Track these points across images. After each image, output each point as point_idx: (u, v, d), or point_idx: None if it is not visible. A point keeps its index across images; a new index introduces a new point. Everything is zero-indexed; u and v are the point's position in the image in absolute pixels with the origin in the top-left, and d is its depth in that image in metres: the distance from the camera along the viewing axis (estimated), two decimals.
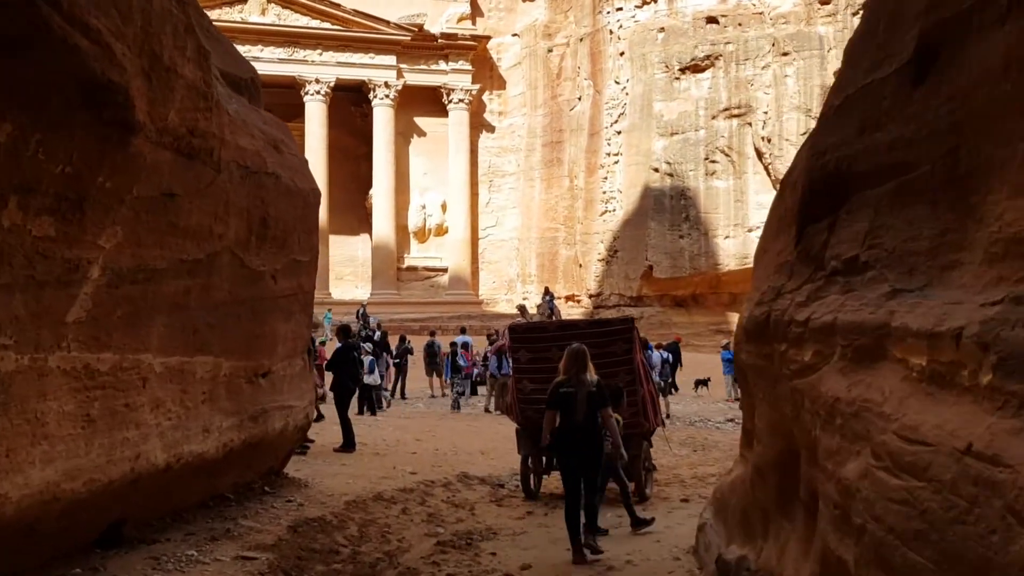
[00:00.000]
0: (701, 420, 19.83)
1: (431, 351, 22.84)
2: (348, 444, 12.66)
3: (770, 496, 5.57)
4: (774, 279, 5.74)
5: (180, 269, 6.86)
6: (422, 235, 41.00)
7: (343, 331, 14.26)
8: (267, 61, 38.39)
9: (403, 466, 11.64)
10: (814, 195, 5.03)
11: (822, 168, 4.90)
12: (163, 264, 6.59)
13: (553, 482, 11.49)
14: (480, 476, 11.54)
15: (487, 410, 20.19)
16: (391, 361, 21.96)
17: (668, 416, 19.50)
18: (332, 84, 38.90)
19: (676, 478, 12.25)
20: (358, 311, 32.44)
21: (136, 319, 6.43)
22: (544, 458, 10.77)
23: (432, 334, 24.27)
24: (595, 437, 7.79)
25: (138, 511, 6.89)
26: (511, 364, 11.71)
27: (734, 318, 37.49)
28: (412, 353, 23.27)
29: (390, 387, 22.18)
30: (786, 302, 5.14)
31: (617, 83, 36.37)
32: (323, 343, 21.96)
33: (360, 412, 18.59)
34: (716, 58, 34.38)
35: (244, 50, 38.72)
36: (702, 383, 24.45)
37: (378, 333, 23.69)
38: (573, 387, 7.71)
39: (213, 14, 38.46)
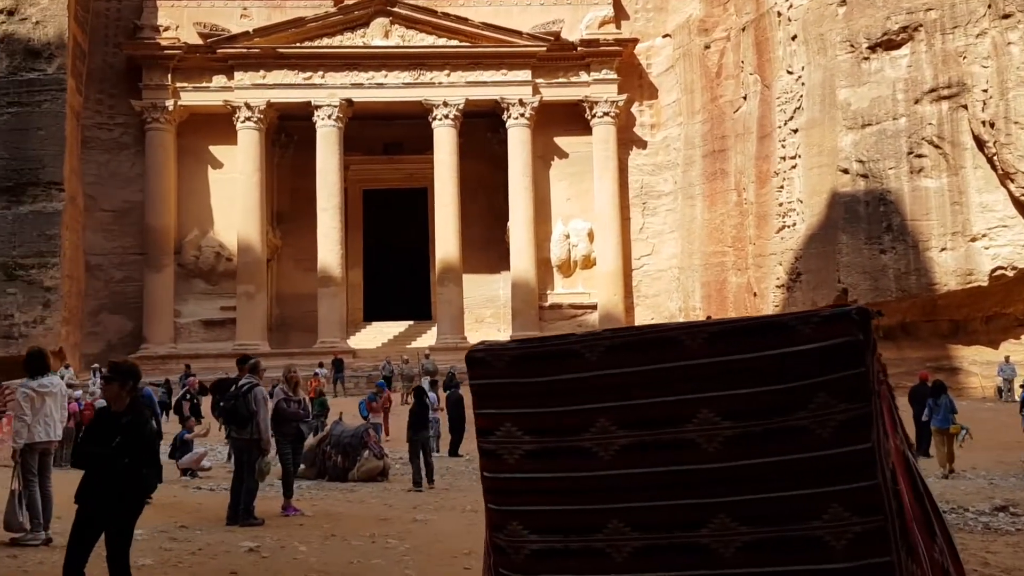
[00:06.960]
0: (951, 508, 11.43)
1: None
2: None
3: None
4: None
5: None
6: (567, 268, 33.78)
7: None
8: (392, 87, 33.09)
9: None
10: None
11: None
12: None
13: None
14: None
15: None
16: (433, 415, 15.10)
17: None
18: (461, 106, 32.79)
19: None
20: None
21: None
22: None
23: None
24: None
25: None
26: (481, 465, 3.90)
27: (957, 352, 28.09)
28: None
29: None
30: None
31: (790, 73, 28.35)
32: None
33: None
34: (915, 29, 25.85)
35: (367, 76, 33.62)
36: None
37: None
38: None
39: (334, 40, 33.44)
